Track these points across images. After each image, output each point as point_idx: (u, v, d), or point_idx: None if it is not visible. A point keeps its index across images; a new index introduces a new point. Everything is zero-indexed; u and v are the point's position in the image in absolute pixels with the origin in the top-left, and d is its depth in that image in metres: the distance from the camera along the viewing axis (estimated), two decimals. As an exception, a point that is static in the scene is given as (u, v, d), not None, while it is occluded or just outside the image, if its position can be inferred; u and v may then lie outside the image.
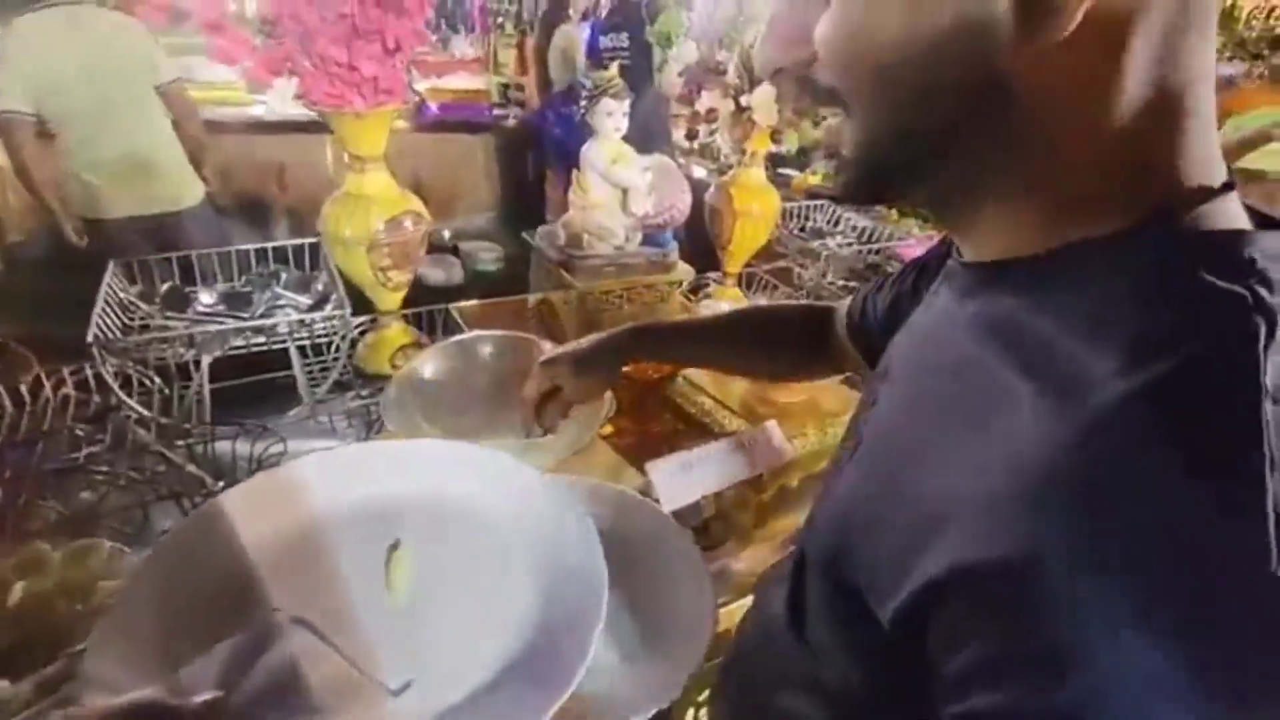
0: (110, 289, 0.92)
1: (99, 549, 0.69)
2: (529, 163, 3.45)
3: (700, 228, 1.39)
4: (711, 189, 1.38)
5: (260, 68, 0.81)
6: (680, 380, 1.11)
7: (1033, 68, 0.29)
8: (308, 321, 0.93)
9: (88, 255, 1.80)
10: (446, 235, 3.27)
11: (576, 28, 2.96)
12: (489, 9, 4.16)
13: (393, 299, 1.09)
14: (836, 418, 1.03)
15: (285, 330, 0.93)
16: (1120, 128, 0.30)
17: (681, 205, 1.18)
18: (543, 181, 3.15)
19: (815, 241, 1.53)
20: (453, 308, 1.20)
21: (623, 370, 0.77)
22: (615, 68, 1.10)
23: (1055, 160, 0.32)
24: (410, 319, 1.18)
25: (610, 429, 0.93)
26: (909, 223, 1.86)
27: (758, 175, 1.33)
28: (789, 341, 0.77)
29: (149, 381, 0.93)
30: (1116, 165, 0.31)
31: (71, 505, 0.79)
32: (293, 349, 0.98)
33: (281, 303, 0.99)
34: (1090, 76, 0.30)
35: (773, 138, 1.29)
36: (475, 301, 1.23)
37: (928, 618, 0.29)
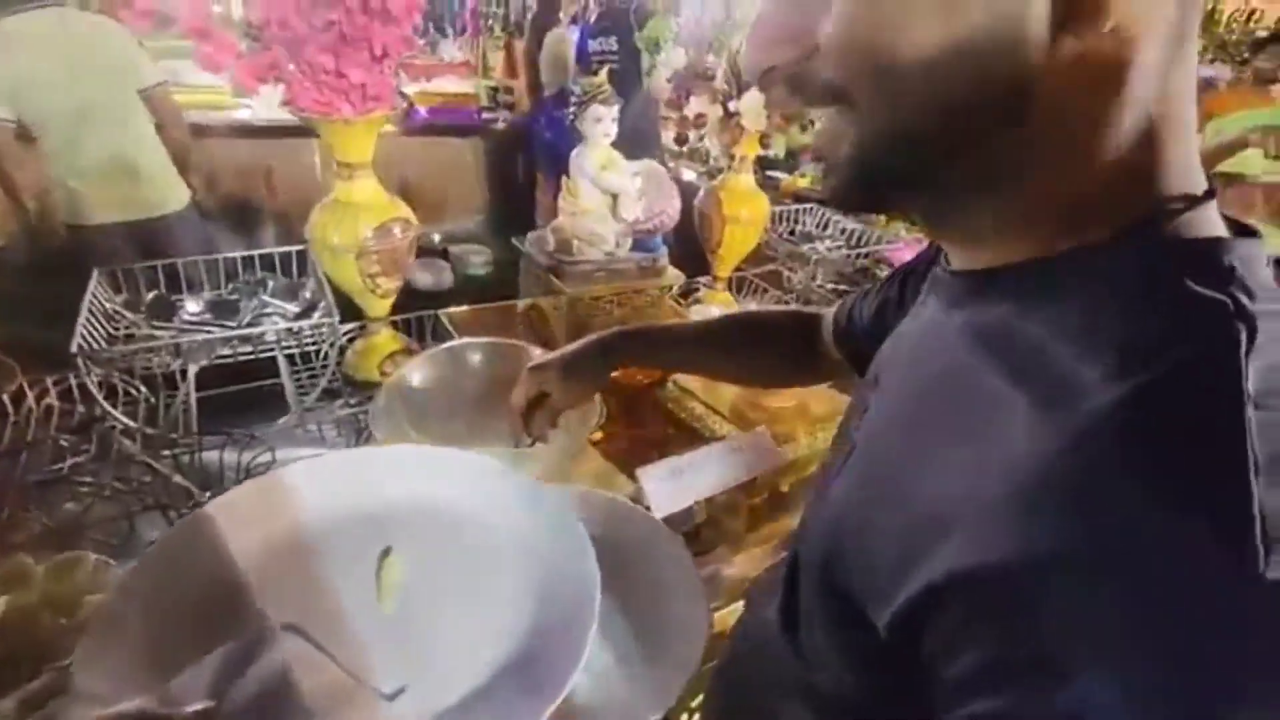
0: (95, 298, 0.91)
1: (84, 562, 0.68)
2: (519, 166, 3.44)
3: (690, 232, 1.40)
4: (701, 194, 1.38)
5: (246, 75, 0.80)
6: (670, 386, 1.12)
7: (1054, 73, 0.29)
8: (296, 330, 0.92)
9: (71, 261, 1.77)
10: (436, 239, 3.25)
11: (567, 31, 2.96)
12: (479, 12, 4.15)
13: (381, 306, 1.09)
14: (826, 422, 1.04)
15: (273, 339, 0.92)
16: (1122, 136, 0.31)
17: (671, 211, 1.19)
18: (533, 186, 3.14)
19: (804, 245, 1.53)
20: (442, 314, 1.19)
21: (612, 376, 0.77)
22: (604, 73, 1.11)
23: (1061, 169, 0.32)
24: (399, 325, 1.17)
25: (601, 435, 0.93)
26: (897, 226, 1.87)
27: (746, 180, 1.33)
28: (777, 348, 0.77)
29: (134, 391, 0.92)
30: (1112, 174, 0.31)
31: (56, 517, 0.77)
32: (280, 357, 0.97)
33: (269, 310, 0.98)
34: (1104, 85, 0.30)
35: (761, 142, 1.30)
36: (465, 307, 1.23)
37: (925, 622, 0.29)
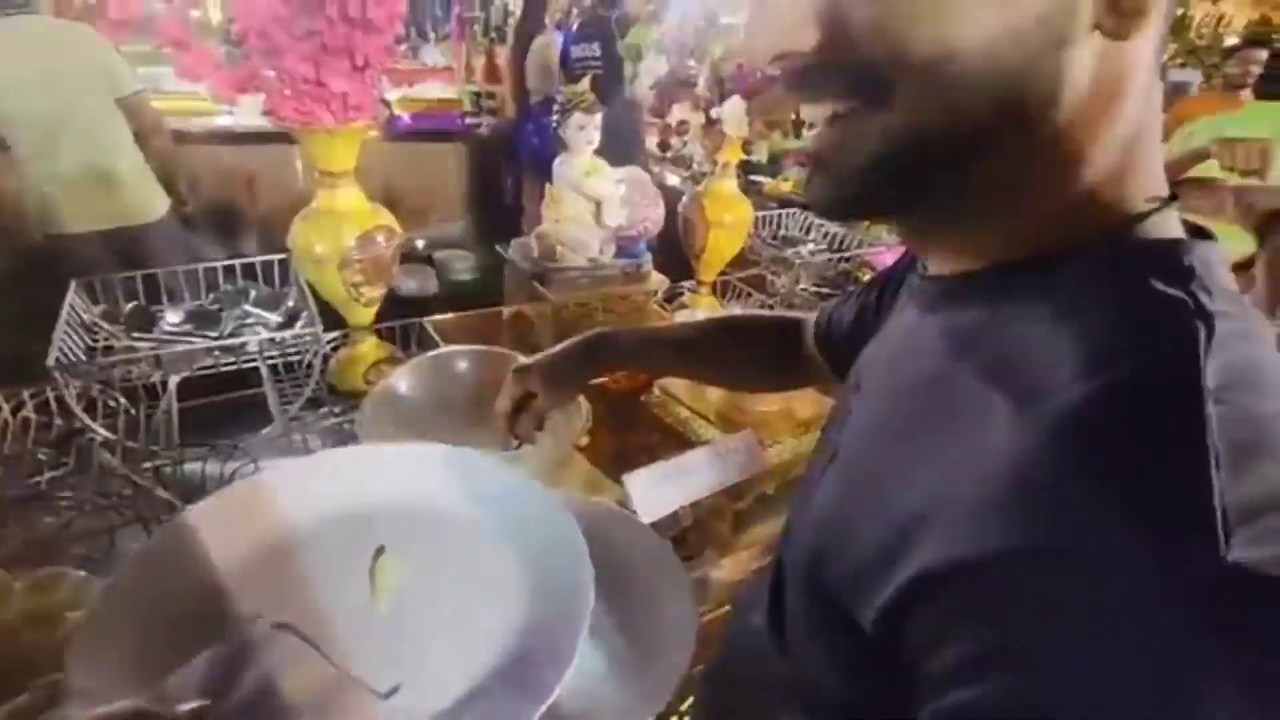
0: (72, 309, 0.89)
1: (64, 577, 0.67)
2: (503, 171, 3.43)
3: (674, 236, 1.41)
4: (684, 199, 1.39)
5: (225, 85, 0.80)
6: (656, 391, 1.12)
7: (1080, 74, 0.30)
8: (279, 340, 0.92)
9: (48, 270, 1.75)
10: (420, 245, 3.24)
11: (553, 37, 2.96)
12: (466, 18, 4.15)
13: (365, 314, 1.08)
14: (811, 425, 1.05)
15: (256, 349, 0.91)
16: (1118, 143, 0.32)
17: (655, 217, 1.19)
18: (519, 191, 3.13)
19: (788, 249, 1.54)
20: (427, 321, 1.19)
21: (598, 382, 0.77)
22: (587, 81, 1.11)
23: (1062, 175, 0.32)
24: (384, 333, 1.17)
25: (587, 441, 0.93)
26: (879, 230, 1.89)
27: (730, 186, 1.34)
28: (763, 352, 0.77)
29: (114, 403, 0.91)
30: (1101, 180, 0.32)
31: (34, 532, 0.76)
32: (263, 367, 0.97)
33: (251, 320, 0.98)
34: (1117, 89, 0.31)
35: (744, 148, 1.31)
36: (449, 315, 1.23)
37: (907, 618, 0.30)
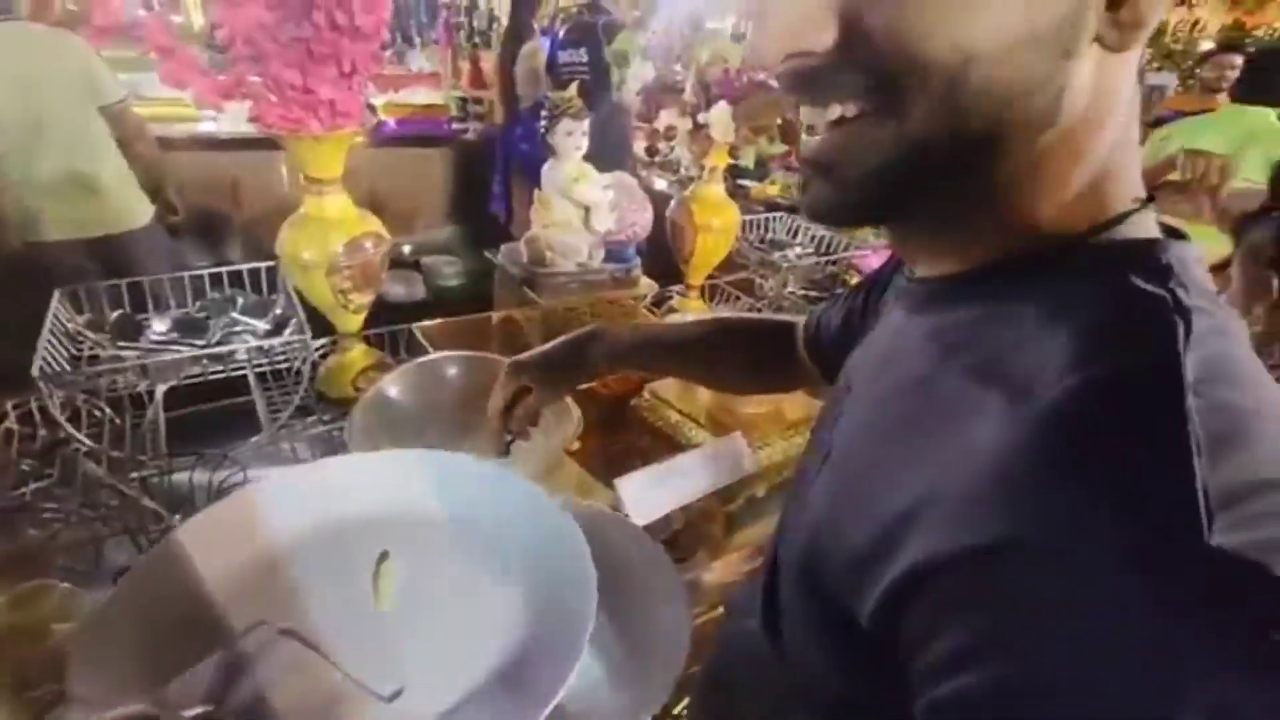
0: (56, 318, 0.88)
1: (50, 590, 0.66)
2: (490, 177, 3.43)
3: (662, 241, 1.41)
4: (672, 204, 1.40)
5: (211, 92, 0.79)
6: (646, 395, 1.12)
7: (1080, 80, 0.31)
8: (267, 348, 0.91)
9: (29, 278, 1.73)
10: (407, 250, 3.23)
11: (541, 44, 2.96)
12: (453, 23, 4.14)
13: (354, 321, 1.08)
14: (800, 427, 1.06)
15: (244, 357, 0.91)
16: (1107, 148, 0.33)
17: (643, 222, 1.20)
18: (509, 196, 3.12)
19: (775, 253, 1.56)
20: (416, 327, 1.19)
21: (588, 387, 0.77)
22: (574, 87, 1.12)
23: (1056, 180, 0.33)
24: (372, 340, 1.16)
25: (578, 446, 0.93)
26: (865, 232, 1.91)
27: (717, 190, 1.35)
28: (756, 354, 0.78)
29: (99, 413, 0.90)
30: (1088, 184, 0.33)
31: (19, 544, 0.76)
32: (251, 375, 0.96)
33: (239, 328, 0.97)
34: (1111, 97, 0.32)
35: (731, 153, 1.32)
36: (438, 321, 1.22)
37: (903, 611, 0.30)
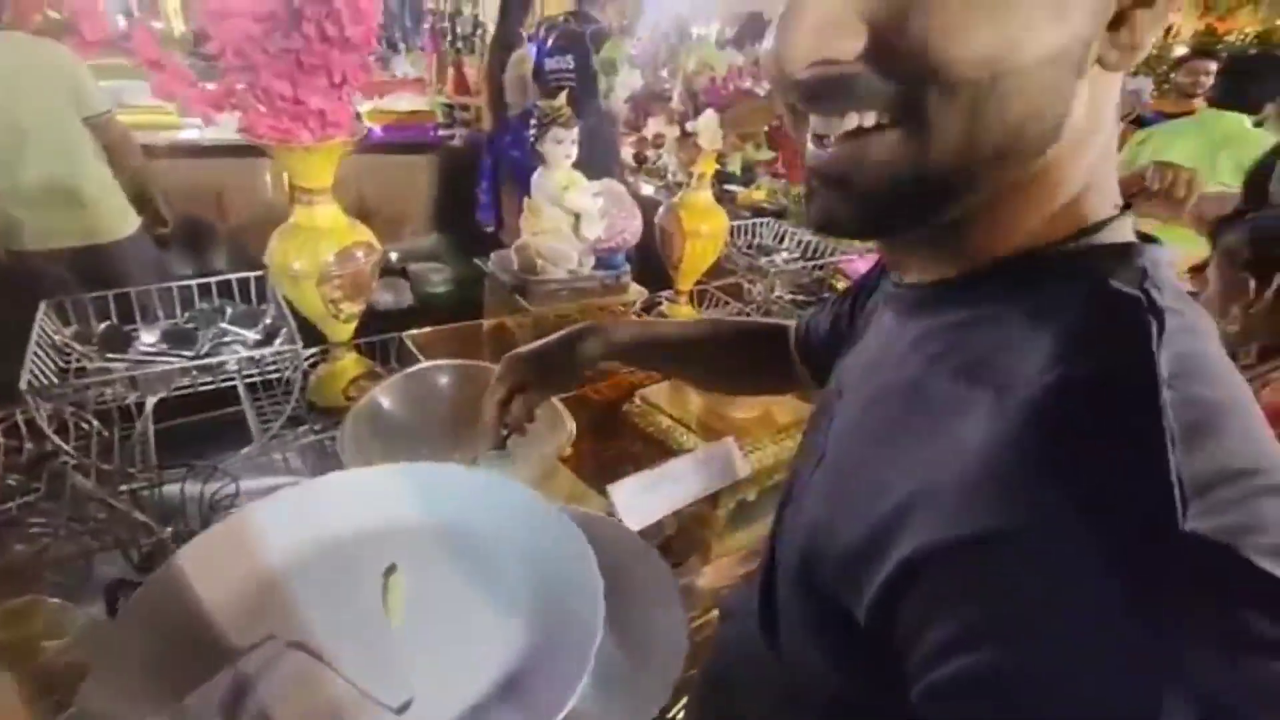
0: (43, 331, 0.88)
1: (39, 606, 0.66)
2: (477, 183, 3.43)
3: (651, 246, 1.42)
4: (661, 210, 1.41)
5: (202, 104, 0.79)
6: (637, 401, 1.13)
7: (1080, 102, 0.32)
8: (258, 358, 0.91)
9: (12, 288, 1.71)
10: (394, 258, 3.22)
11: (528, 50, 2.97)
12: (439, 29, 4.15)
13: (344, 330, 1.07)
14: (789, 431, 1.06)
15: (235, 367, 0.91)
16: (1094, 159, 0.35)
17: (632, 229, 1.21)
18: (499, 204, 3.12)
19: (763, 258, 1.57)
20: (406, 336, 1.19)
21: (579, 392, 0.77)
22: (564, 96, 1.12)
23: (1048, 191, 0.35)
24: (363, 349, 1.16)
25: (570, 453, 0.94)
26: (851, 237, 1.93)
27: (705, 197, 1.36)
28: (753, 355, 0.78)
29: (86, 425, 0.89)
30: (1075, 194, 0.35)
31: (7, 559, 0.75)
32: (241, 386, 0.96)
33: (228, 339, 0.97)
34: (1102, 111, 0.34)
35: (718, 160, 1.33)
36: (429, 329, 1.22)
37: (898, 605, 0.31)
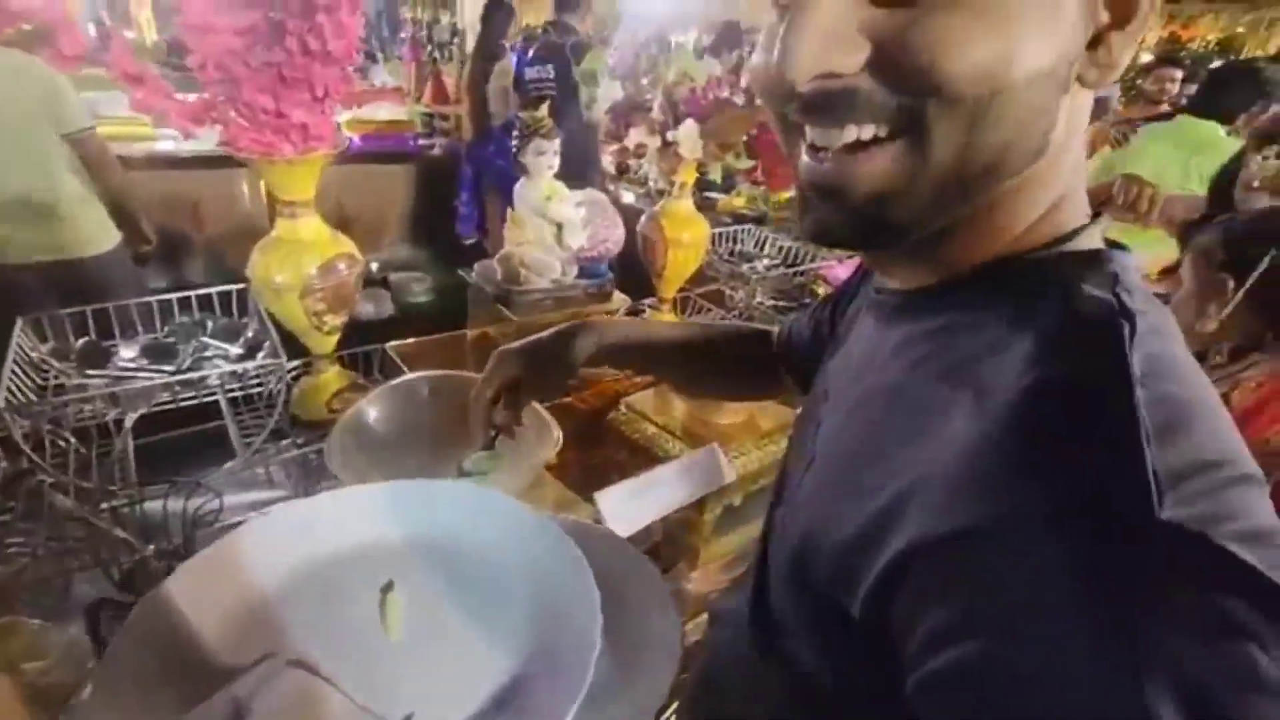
0: (20, 347, 0.86)
1: (19, 627, 0.65)
2: (457, 192, 3.42)
3: (634, 254, 1.43)
4: (643, 219, 1.42)
5: (183, 118, 0.79)
6: (622, 408, 1.14)
7: (1062, 118, 0.34)
8: (240, 372, 0.90)
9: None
10: (374, 268, 3.21)
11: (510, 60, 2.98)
12: (419, 38, 4.16)
13: (328, 343, 1.07)
14: (774, 436, 1.08)
15: (217, 382, 0.90)
16: (1070, 172, 0.37)
17: (615, 238, 1.22)
18: (482, 213, 3.12)
19: (744, 265, 1.59)
20: (390, 347, 1.18)
21: (564, 400, 0.77)
22: (545, 107, 1.13)
23: (1028, 203, 0.37)
24: (346, 361, 1.16)
25: (556, 462, 0.94)
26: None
27: (687, 205, 1.38)
28: (742, 360, 0.78)
29: (64, 443, 0.88)
30: (1052, 205, 0.37)
31: (-18, 581, 0.73)
32: (223, 401, 0.95)
33: (209, 353, 0.96)
34: (1080, 126, 0.36)
35: (699, 169, 1.35)
36: (413, 340, 1.22)
37: (892, 599, 0.32)
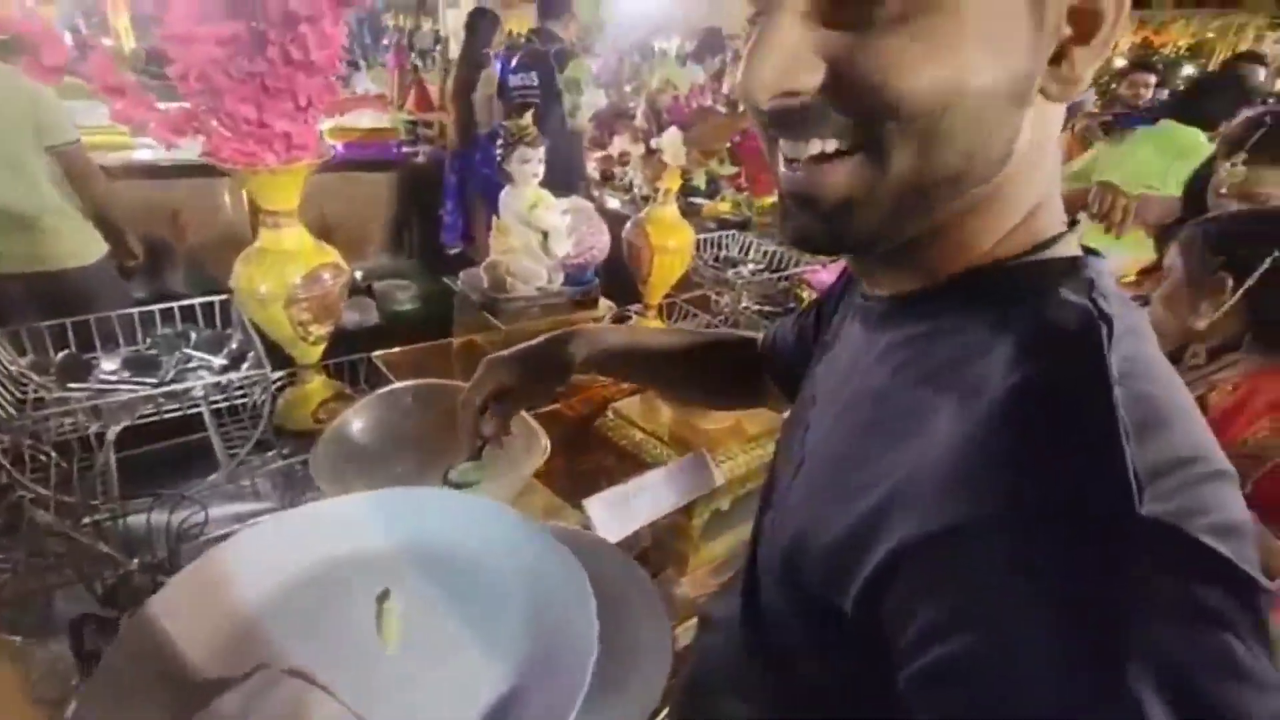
0: (-3, 362, 0.85)
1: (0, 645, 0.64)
2: (441, 200, 3.41)
3: (620, 261, 1.44)
4: (628, 226, 1.43)
5: (165, 129, 0.79)
6: (610, 415, 1.14)
7: (1026, 130, 0.35)
8: (224, 383, 0.90)
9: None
10: (358, 276, 3.19)
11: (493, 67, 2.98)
12: (402, 45, 4.16)
13: (313, 353, 1.06)
14: (760, 440, 1.09)
15: (200, 393, 0.89)
16: (1044, 182, 0.38)
17: (600, 245, 1.23)
18: (470, 220, 3.12)
19: (729, 270, 1.60)
20: (376, 356, 1.18)
21: (551, 408, 0.77)
22: (530, 115, 1.14)
23: (1000, 213, 0.38)
24: (331, 370, 1.15)
25: (544, 469, 0.94)
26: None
27: (672, 212, 1.38)
28: (731, 367, 0.78)
29: (44, 457, 0.87)
30: (1027, 213, 0.38)
31: (-38, 599, 0.72)
32: (207, 412, 0.94)
33: (193, 364, 0.95)
34: (1049, 139, 0.37)
35: (683, 175, 1.35)
36: (398, 349, 1.22)
37: (884, 594, 0.33)
